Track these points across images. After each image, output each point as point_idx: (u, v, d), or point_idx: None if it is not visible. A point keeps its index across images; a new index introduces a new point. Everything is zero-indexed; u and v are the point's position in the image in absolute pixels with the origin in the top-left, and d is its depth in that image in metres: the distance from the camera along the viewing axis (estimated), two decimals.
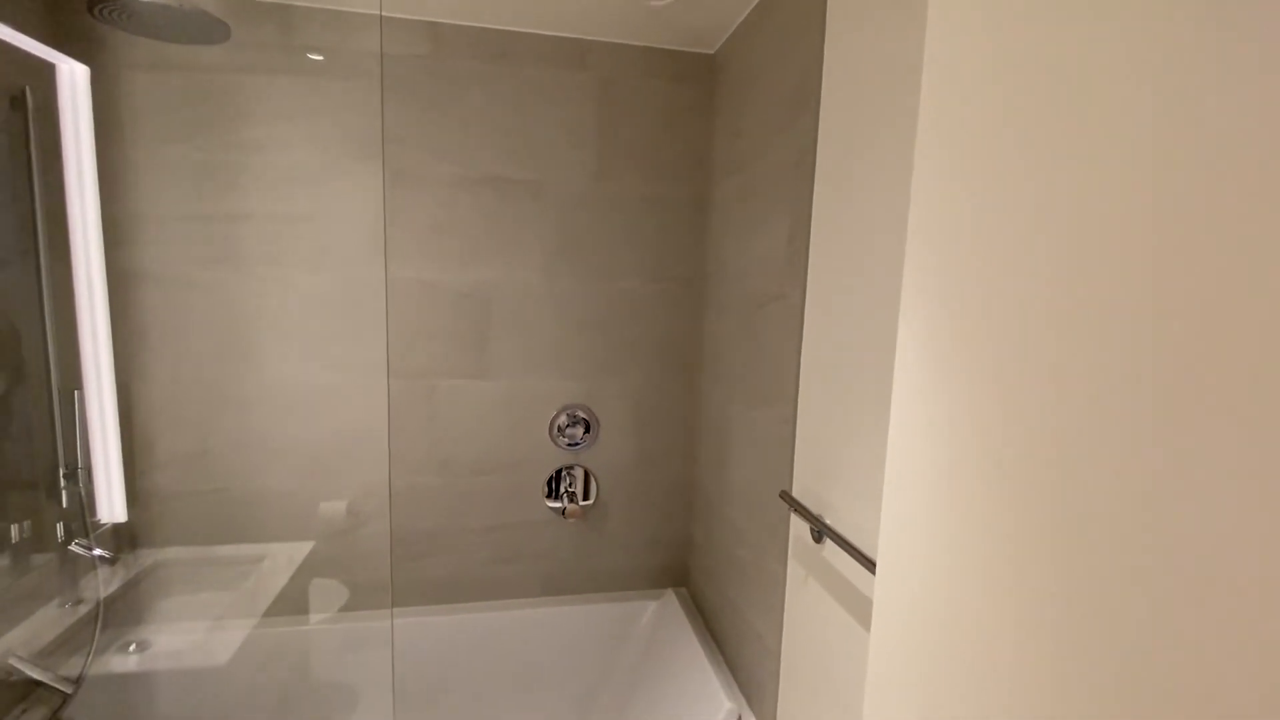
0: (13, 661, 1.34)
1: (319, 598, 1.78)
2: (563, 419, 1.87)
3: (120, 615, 1.58)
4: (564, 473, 1.89)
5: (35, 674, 1.36)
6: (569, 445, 1.88)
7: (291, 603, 1.74)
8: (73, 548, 1.48)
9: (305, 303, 1.65)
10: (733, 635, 1.58)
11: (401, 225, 1.68)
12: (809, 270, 1.20)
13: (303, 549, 1.75)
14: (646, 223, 1.81)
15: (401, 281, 1.70)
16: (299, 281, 1.64)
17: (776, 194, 1.34)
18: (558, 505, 1.90)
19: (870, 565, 0.91)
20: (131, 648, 1.57)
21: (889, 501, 0.65)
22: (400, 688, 1.73)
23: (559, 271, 1.78)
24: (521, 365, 1.81)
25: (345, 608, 1.79)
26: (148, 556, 1.65)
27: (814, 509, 1.15)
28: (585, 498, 1.92)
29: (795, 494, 1.24)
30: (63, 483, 1.47)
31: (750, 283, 1.49)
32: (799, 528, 1.24)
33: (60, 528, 1.46)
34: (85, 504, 1.50)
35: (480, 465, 1.82)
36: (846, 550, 0.98)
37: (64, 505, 1.47)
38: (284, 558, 1.73)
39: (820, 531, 1.14)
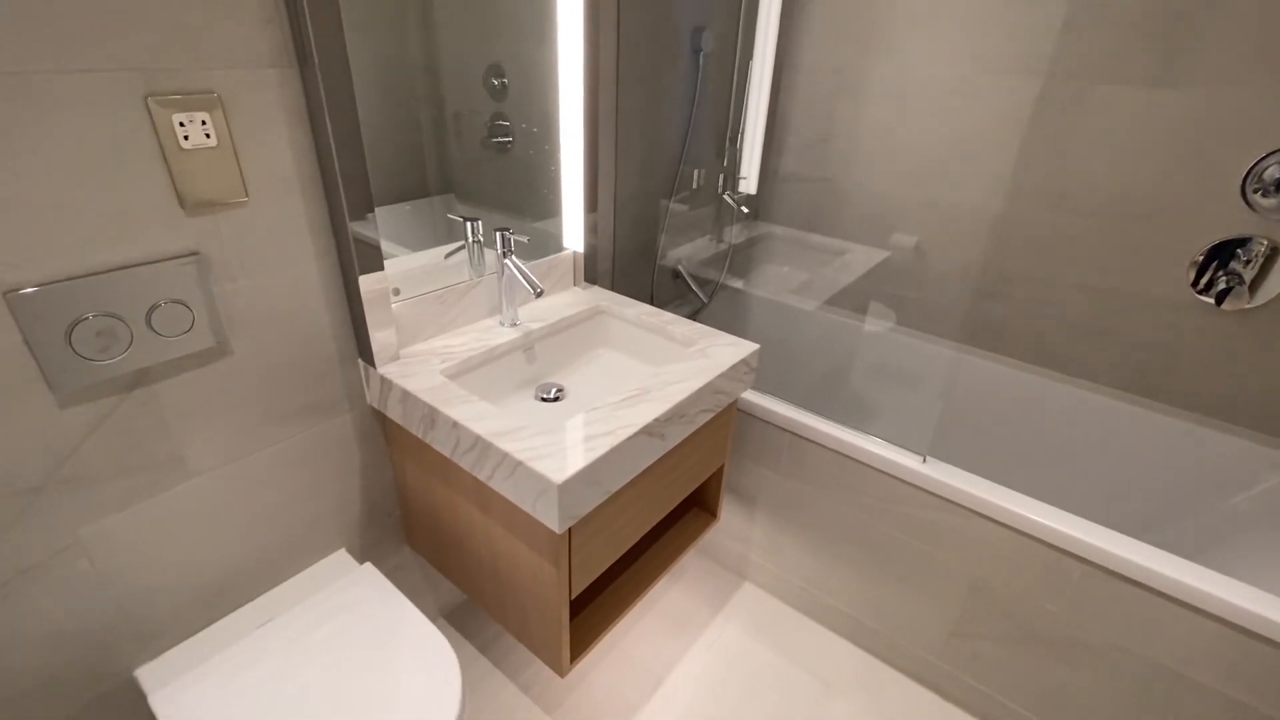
0: (680, 266, 1.88)
1: (876, 306, 1.87)
2: (1275, 166, 1.26)
3: (738, 262, 2.01)
4: (1238, 246, 1.33)
5: (690, 280, 1.89)
6: (1272, 208, 1.28)
7: (852, 300, 1.88)
8: (725, 198, 1.90)
9: None
10: None
11: None
12: None
13: (877, 256, 1.82)
14: None
15: None
16: None
17: None
18: (1207, 293, 1.38)
19: None
20: (740, 283, 2.02)
21: None
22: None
23: None
24: (1235, 70, 1.24)
25: (898, 323, 1.84)
26: (763, 227, 2.01)
27: None
28: (1253, 291, 1.34)
29: None
30: (727, 146, 1.85)
31: None
32: None
33: (720, 180, 1.88)
34: (737, 167, 1.87)
35: (1109, 207, 1.44)
36: None
37: (725, 164, 1.87)
38: (861, 259, 1.85)
39: None
